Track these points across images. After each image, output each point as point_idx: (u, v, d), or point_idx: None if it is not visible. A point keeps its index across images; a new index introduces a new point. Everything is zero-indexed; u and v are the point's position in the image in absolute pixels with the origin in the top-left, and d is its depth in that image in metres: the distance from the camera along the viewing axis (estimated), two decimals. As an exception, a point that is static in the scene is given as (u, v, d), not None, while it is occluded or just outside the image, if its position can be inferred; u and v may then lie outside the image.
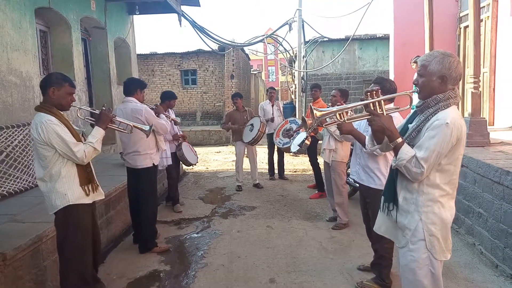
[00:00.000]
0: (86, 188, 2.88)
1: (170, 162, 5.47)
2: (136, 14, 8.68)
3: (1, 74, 4.62)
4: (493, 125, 6.86)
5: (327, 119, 2.32)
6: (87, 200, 2.90)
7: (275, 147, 7.38)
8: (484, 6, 6.87)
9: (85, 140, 2.91)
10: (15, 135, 4.52)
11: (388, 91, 3.01)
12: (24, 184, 4.53)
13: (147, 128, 3.42)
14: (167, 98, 5.41)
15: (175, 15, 8.86)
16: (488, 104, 7.05)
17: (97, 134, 2.91)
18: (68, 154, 2.73)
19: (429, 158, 1.93)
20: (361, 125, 3.46)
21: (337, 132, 4.37)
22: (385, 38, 11.78)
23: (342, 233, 4.69)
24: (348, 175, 5.36)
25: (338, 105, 3.94)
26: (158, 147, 4.34)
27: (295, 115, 13.83)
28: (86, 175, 2.89)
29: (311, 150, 6.49)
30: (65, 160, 2.77)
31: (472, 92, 5.07)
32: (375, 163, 3.28)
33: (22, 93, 4.99)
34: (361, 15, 9.07)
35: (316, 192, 6.46)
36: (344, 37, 13.05)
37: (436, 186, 2.02)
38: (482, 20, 6.69)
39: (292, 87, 19.12)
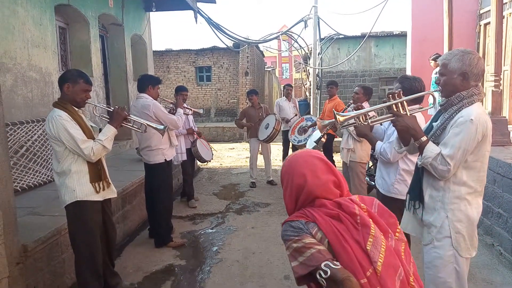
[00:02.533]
0: (96, 185, 2.87)
1: (185, 157, 5.51)
2: (152, 11, 8.73)
3: (22, 70, 4.71)
4: (513, 124, 6.70)
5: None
6: (97, 198, 2.89)
7: (290, 144, 7.35)
8: (506, 3, 6.70)
9: None
10: (35, 129, 4.61)
11: (414, 90, 2.82)
12: (43, 177, 4.62)
13: (161, 127, 3.40)
14: (176, 92, 5.48)
15: (191, 12, 8.89)
16: (508, 102, 6.89)
17: (108, 132, 2.90)
18: (76, 150, 2.75)
19: (454, 155, 1.93)
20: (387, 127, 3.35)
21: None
22: (402, 35, 11.62)
23: (357, 232, 4.64)
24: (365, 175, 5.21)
25: (360, 105, 3.79)
26: (171, 142, 4.36)
27: (309, 112, 13.77)
28: (97, 172, 2.89)
29: (326, 148, 6.45)
30: (76, 156, 2.78)
31: (492, 90, 4.97)
32: (384, 168, 3.19)
33: (41, 88, 5.07)
34: (378, 12, 8.97)
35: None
36: (360, 34, 12.92)
37: (463, 184, 2.01)
38: (504, 17, 6.53)
39: (306, 84, 19.01)
